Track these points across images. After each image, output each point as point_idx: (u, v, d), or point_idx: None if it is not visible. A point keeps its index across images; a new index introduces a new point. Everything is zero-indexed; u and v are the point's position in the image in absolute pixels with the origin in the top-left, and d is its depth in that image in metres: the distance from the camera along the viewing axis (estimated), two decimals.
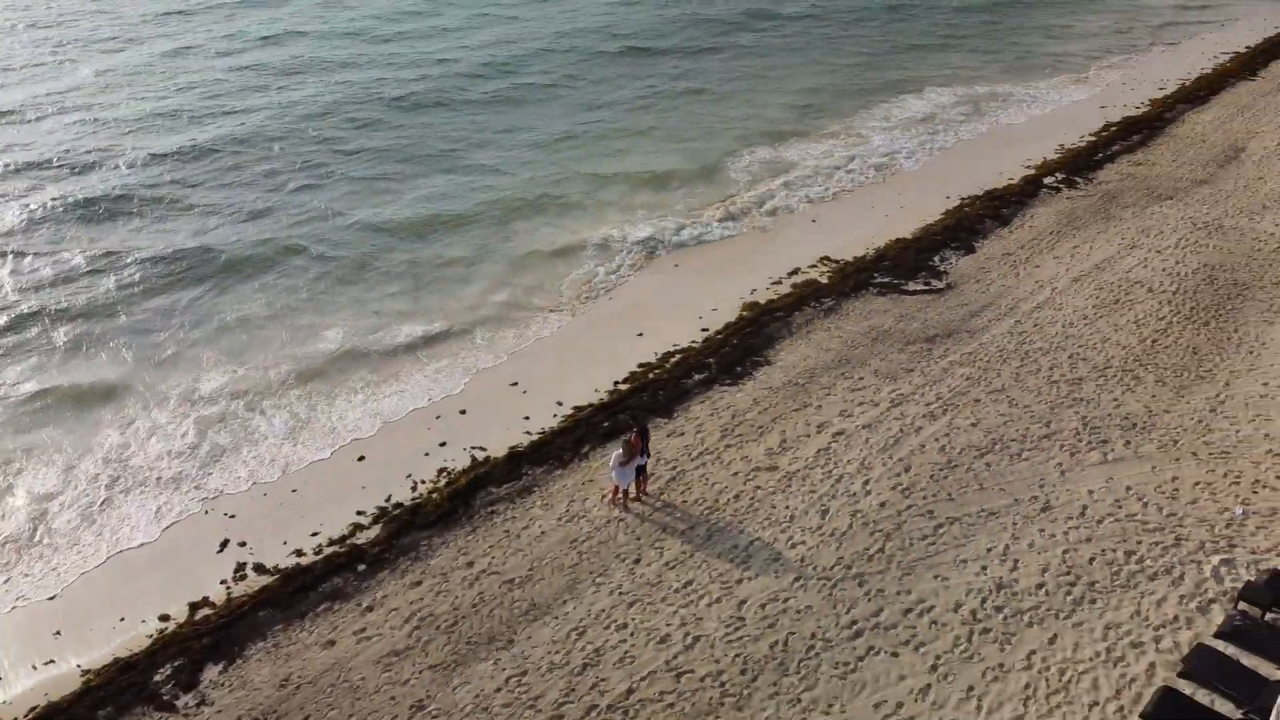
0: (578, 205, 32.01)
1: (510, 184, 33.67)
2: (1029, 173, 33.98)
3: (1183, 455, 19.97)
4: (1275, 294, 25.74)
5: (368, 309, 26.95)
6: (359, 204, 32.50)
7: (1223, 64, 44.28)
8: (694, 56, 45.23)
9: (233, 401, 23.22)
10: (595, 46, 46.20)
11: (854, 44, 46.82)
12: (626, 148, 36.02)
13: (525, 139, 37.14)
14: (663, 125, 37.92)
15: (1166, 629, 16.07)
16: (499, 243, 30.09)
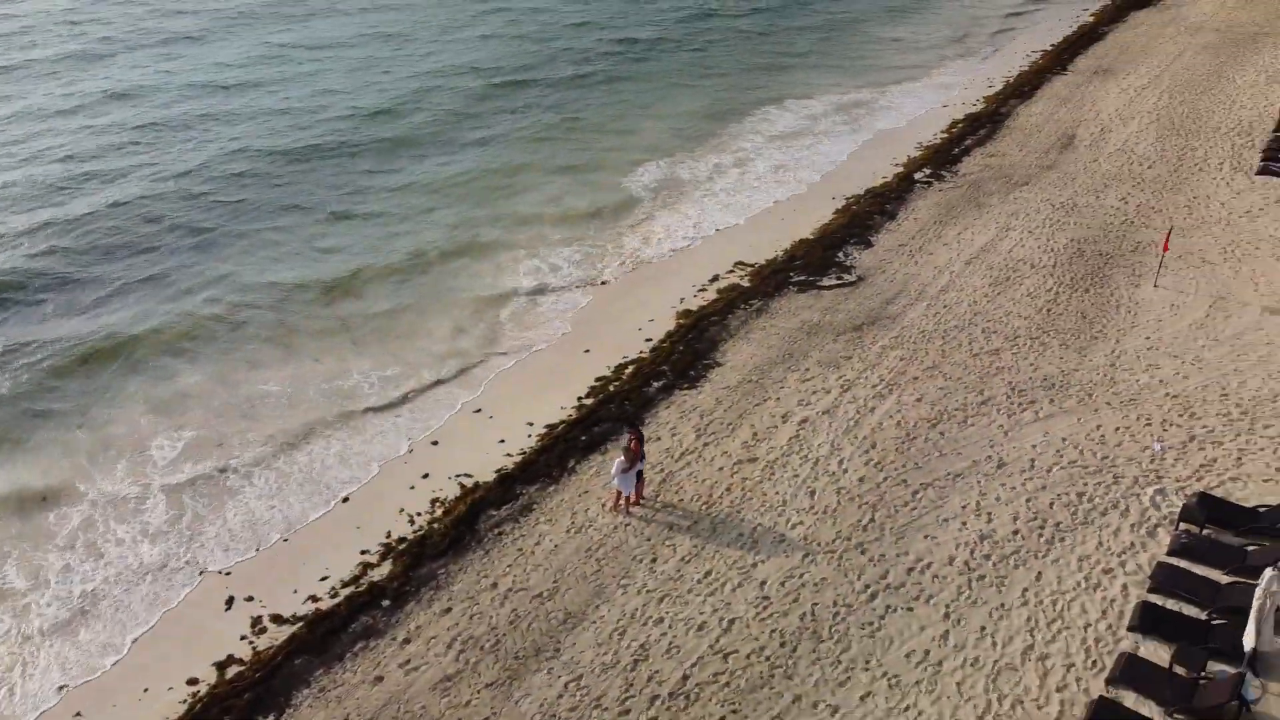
0: (496, 244, 31.89)
1: (418, 230, 33.24)
2: (900, 170, 37.00)
3: (1099, 406, 22.71)
4: (1134, 260, 29.30)
5: (306, 362, 26.45)
6: (263, 263, 31.34)
7: (1037, 61, 49.31)
8: (563, 87, 46.14)
9: (196, 466, 22.55)
10: (466, 84, 46.27)
11: (710, 67, 48.98)
12: (524, 182, 36.54)
13: (418, 183, 36.85)
14: (554, 156, 38.66)
15: (1128, 554, 18.46)
16: (428, 290, 29.46)
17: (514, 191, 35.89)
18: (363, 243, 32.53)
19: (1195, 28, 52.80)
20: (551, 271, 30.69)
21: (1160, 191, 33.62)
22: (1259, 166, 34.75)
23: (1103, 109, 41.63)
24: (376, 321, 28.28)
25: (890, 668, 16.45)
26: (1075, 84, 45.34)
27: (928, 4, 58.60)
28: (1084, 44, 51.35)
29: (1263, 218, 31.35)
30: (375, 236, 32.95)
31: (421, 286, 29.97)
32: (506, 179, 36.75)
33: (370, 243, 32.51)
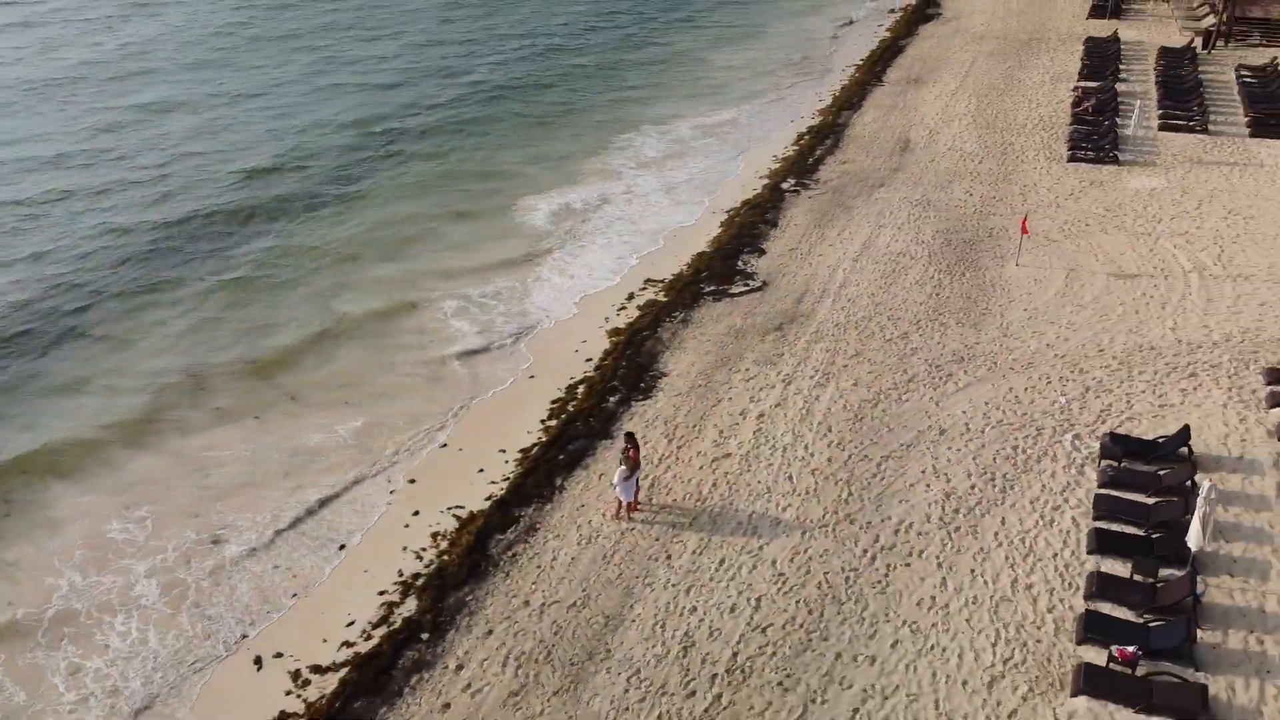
0: (416, 297, 31.30)
1: (333, 291, 32.15)
2: (767, 182, 39.89)
3: (1005, 372, 25.96)
4: (993, 244, 33.17)
5: (256, 431, 25.75)
6: (176, 344, 29.48)
7: (854, 75, 53.93)
8: (429, 135, 44.91)
9: (177, 544, 21.89)
10: (333, 139, 44.07)
11: (564, 103, 49.97)
12: (423, 232, 35.62)
13: (314, 244, 34.64)
14: (444, 203, 37.84)
15: (1067, 491, 21.49)
16: (364, 349, 29.09)
17: (416, 242, 35.69)
18: (282, 311, 31.18)
19: (978, 37, 59.19)
20: (480, 310, 31.15)
21: (995, 183, 38.03)
22: (1068, 155, 39.87)
23: (925, 114, 46.29)
24: (320, 385, 27.60)
25: (907, 616, 18.59)
26: (894, 93, 50.02)
27: (750, 35, 62.23)
28: (889, 58, 56.52)
29: (1083, 198, 36.15)
30: (291, 302, 31.64)
31: (355, 347, 29.14)
32: (405, 231, 36.47)
33: (289, 310, 31.19)
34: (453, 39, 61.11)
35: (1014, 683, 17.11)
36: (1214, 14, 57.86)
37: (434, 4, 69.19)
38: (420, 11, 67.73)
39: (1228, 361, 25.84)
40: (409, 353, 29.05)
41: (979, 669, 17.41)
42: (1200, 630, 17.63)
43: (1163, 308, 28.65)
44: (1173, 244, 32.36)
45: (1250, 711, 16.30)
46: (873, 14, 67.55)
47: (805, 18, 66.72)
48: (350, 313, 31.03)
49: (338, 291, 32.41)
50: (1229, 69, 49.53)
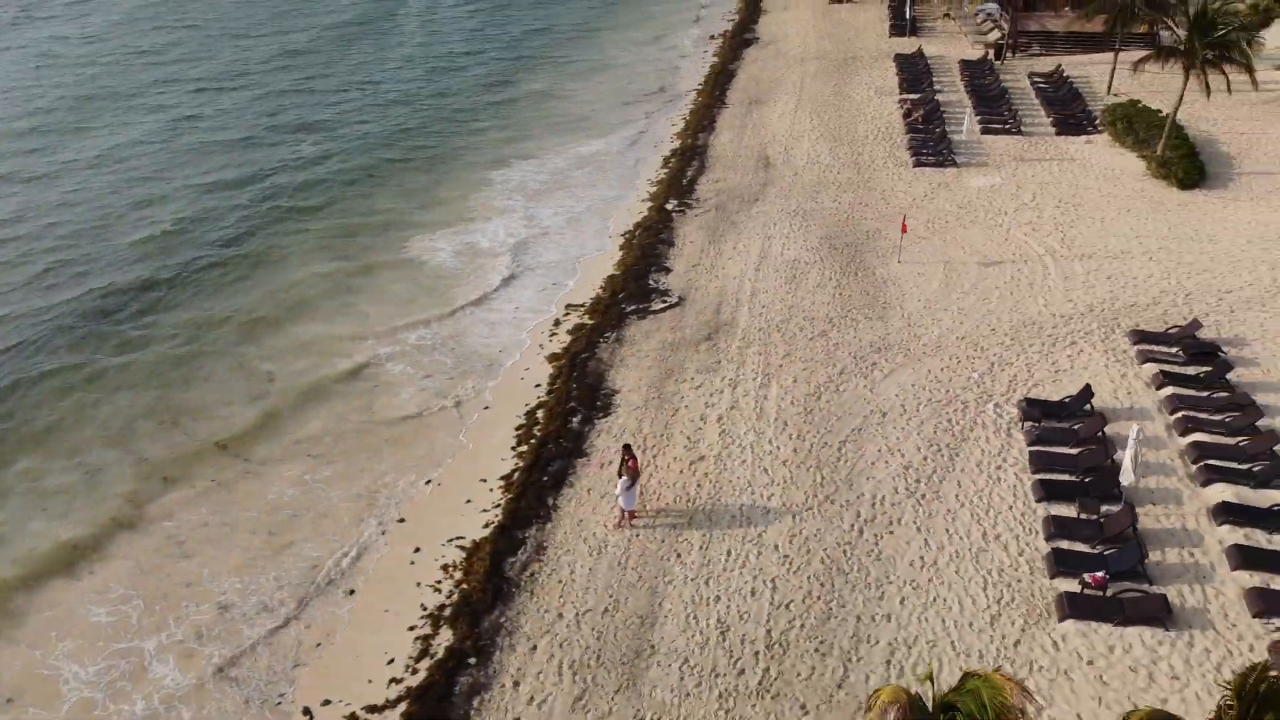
0: (351, 356, 31.10)
1: (266, 361, 31.30)
2: (650, 204, 42.02)
3: (920, 357, 29.03)
4: (872, 245, 36.56)
5: (231, 504, 25.17)
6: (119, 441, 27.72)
7: (698, 99, 57.11)
8: (308, 192, 43.76)
9: (199, 639, 21.10)
10: (212, 204, 42.32)
11: (432, 146, 49.67)
12: (326, 290, 35.37)
13: (228, 315, 33.75)
14: (352, 258, 37.18)
15: (1003, 452, 24.56)
16: (317, 415, 28.47)
17: (329, 298, 34.53)
18: (213, 383, 29.99)
19: (799, 59, 63.84)
20: (419, 354, 31.26)
21: (857, 190, 41.70)
22: (913, 161, 44.20)
23: (775, 132, 49.83)
24: (277, 448, 26.87)
25: (905, 576, 20.91)
26: (740, 114, 53.43)
27: (596, 69, 63.95)
28: (724, 82, 60.13)
29: (936, 199, 40.31)
30: (220, 374, 30.40)
31: (304, 409, 28.53)
32: (314, 289, 35.19)
33: (221, 382, 30.00)
34: (298, 89, 59.59)
35: (1010, 617, 19.70)
36: (998, 29, 64.99)
37: (266, 55, 67.23)
38: (255, 63, 65.59)
39: (1097, 329, 29.93)
40: (358, 406, 28.71)
41: (978, 610, 19.91)
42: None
43: (1031, 288, 32.67)
44: (1022, 233, 36.75)
45: (1199, 610, 19.53)
46: (699, 41, 71.27)
47: (643, 48, 69.44)
48: (285, 377, 30.22)
49: (266, 357, 31.28)
50: (1023, 76, 55.85)
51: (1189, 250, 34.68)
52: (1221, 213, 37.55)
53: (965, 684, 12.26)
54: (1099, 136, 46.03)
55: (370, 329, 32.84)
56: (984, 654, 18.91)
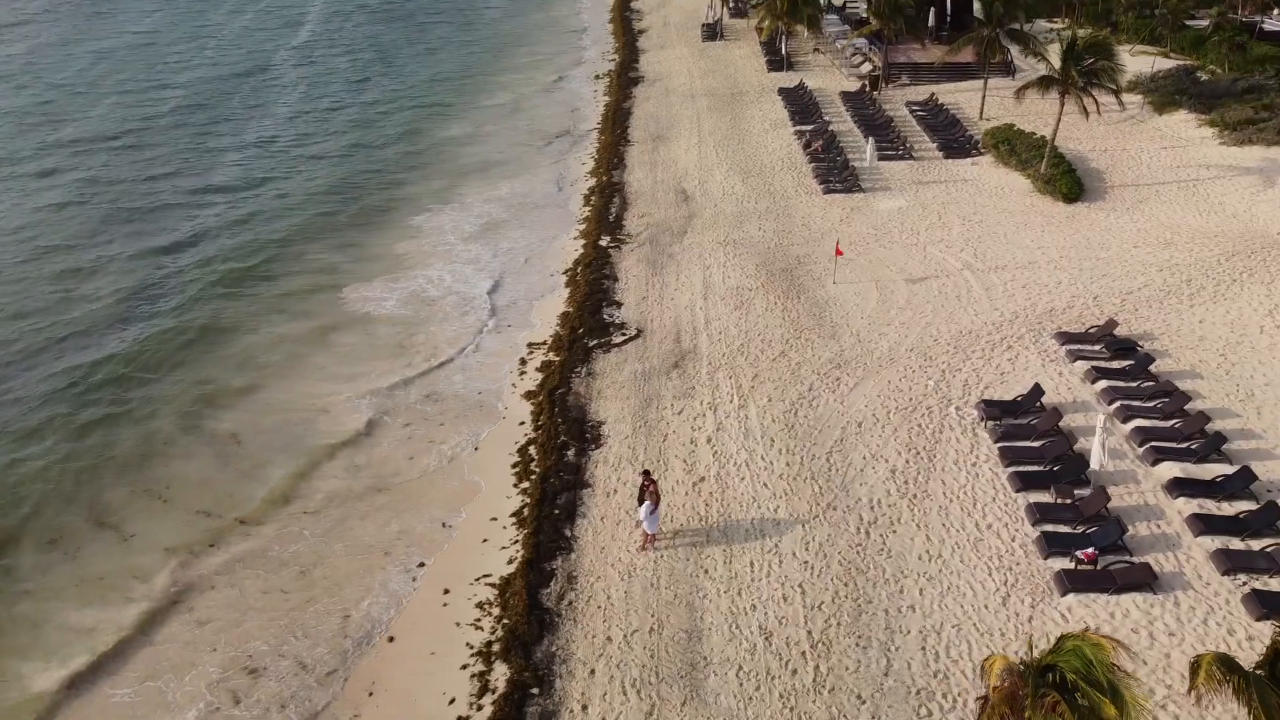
0: (328, 409, 30.89)
1: (237, 422, 30.78)
2: (584, 241, 43.26)
3: (877, 370, 31.21)
4: (805, 269, 38.81)
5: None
6: None
7: (602, 139, 58.79)
8: (234, 256, 43.05)
9: (237, 705, 20.75)
10: (139, 276, 40.58)
11: (351, 196, 49.56)
12: (287, 354, 34.72)
13: (211, 388, 32.50)
14: (288, 320, 36.86)
15: (974, 450, 26.87)
16: (301, 470, 28.33)
17: (289, 361, 34.06)
18: (200, 452, 29.35)
19: (689, 96, 66.47)
20: (390, 398, 31.50)
21: (778, 218, 44.09)
22: (823, 189, 47.02)
23: (686, 166, 51.96)
24: (271, 508, 26.84)
25: (917, 570, 22.75)
26: (647, 151, 55.38)
27: (502, 115, 64.84)
28: (622, 120, 62.11)
29: (852, 222, 43.10)
30: (199, 446, 29.62)
31: (282, 463, 28.58)
32: (274, 354, 34.61)
33: (202, 458, 29.15)
34: (197, 148, 57.41)
35: (1019, 597, 21.76)
36: (869, 62, 69.48)
37: (151, 112, 64.78)
38: (139, 120, 62.90)
39: (1026, 333, 32.91)
40: (346, 463, 28.54)
41: (989, 594, 21.89)
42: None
43: (959, 300, 35.53)
44: (938, 250, 39.81)
45: (1176, 573, 22.08)
46: (587, 80, 73.20)
47: (539, 90, 70.77)
48: (266, 441, 29.68)
49: (242, 424, 30.58)
50: (901, 105, 60.02)
51: (1086, 258, 38.39)
52: (1104, 223, 41.66)
53: (1063, 646, 13.95)
54: (983, 158, 50.10)
55: (340, 386, 32.66)
56: (1004, 632, 20.85)
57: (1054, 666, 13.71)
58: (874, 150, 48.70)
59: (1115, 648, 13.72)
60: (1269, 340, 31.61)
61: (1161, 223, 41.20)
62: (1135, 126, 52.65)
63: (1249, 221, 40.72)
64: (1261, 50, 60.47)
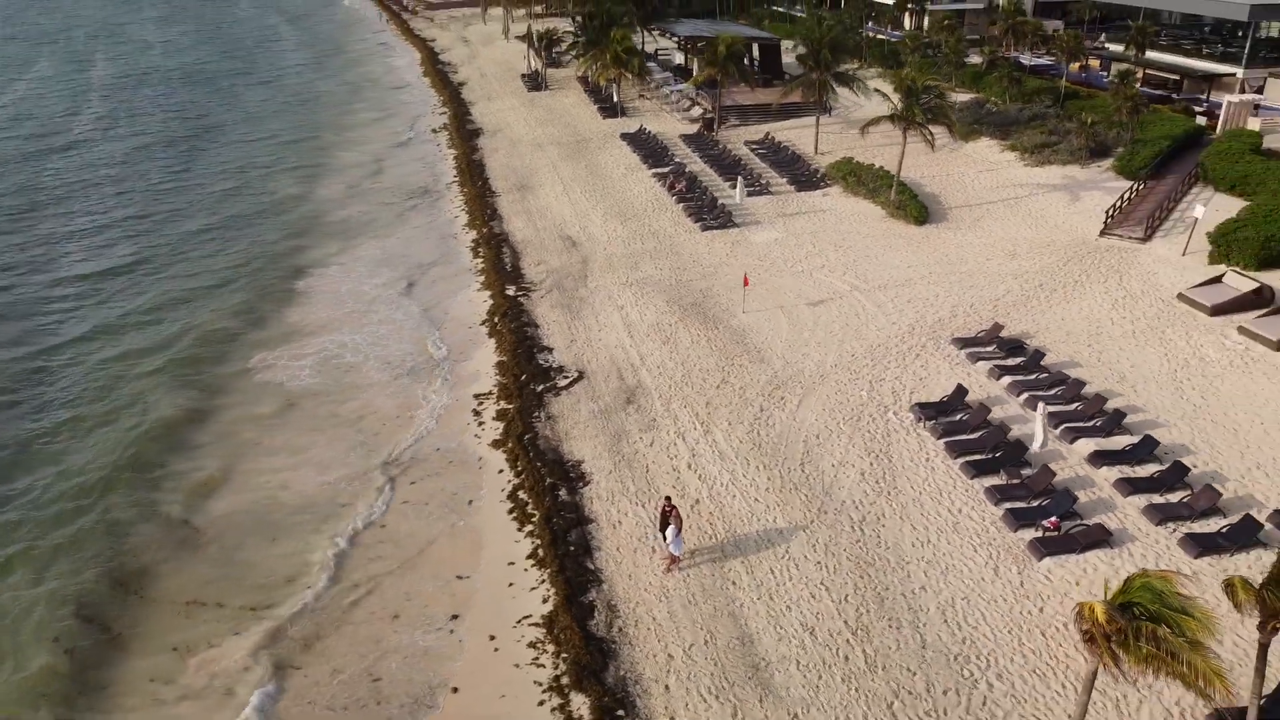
0: (288, 486, 30.58)
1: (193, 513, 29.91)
2: (489, 292, 44.29)
3: (813, 387, 34.31)
4: (710, 301, 41.62)
5: None
6: None
7: (466, 191, 59.67)
8: (142, 334, 40.68)
9: None
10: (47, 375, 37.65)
11: (235, 266, 48.25)
12: (206, 438, 33.36)
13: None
14: (205, 400, 35.60)
15: (922, 448, 30.29)
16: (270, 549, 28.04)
17: (232, 442, 33.76)
18: (156, 549, 28.16)
19: (536, 145, 68.54)
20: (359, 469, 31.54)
21: (668, 256, 46.83)
22: (700, 226, 50.25)
23: (562, 213, 53.89)
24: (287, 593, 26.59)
25: (914, 555, 25.70)
26: (516, 201, 56.89)
27: (365, 174, 64.39)
28: (478, 171, 63.34)
29: (738, 255, 46.47)
30: (156, 535, 28.54)
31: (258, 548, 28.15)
32: (217, 431, 33.96)
33: (159, 545, 28.10)
34: (42, 237, 54.32)
35: (1006, 567, 25.10)
36: (699, 106, 74.10)
37: None
38: None
39: (927, 342, 37.07)
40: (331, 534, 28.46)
41: (981, 567, 25.12)
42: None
43: (859, 318, 39.39)
44: (823, 275, 43.78)
45: (1122, 529, 26.12)
46: (427, 134, 73.87)
47: (386, 145, 70.86)
48: (237, 515, 29.35)
49: (207, 507, 29.99)
50: (740, 145, 64.68)
51: (950, 272, 43.43)
52: (955, 240, 47.13)
53: (1133, 585, 16.98)
54: (832, 189, 55.08)
55: (294, 459, 32.31)
56: (1004, 598, 24.06)
57: (1133, 603, 16.70)
58: (744, 187, 52.47)
59: (1176, 578, 16.90)
60: (1120, 330, 37.23)
61: (1002, 237, 47.08)
62: (950, 154, 59.35)
63: (1070, 231, 47.26)
64: (1034, 84, 69.47)
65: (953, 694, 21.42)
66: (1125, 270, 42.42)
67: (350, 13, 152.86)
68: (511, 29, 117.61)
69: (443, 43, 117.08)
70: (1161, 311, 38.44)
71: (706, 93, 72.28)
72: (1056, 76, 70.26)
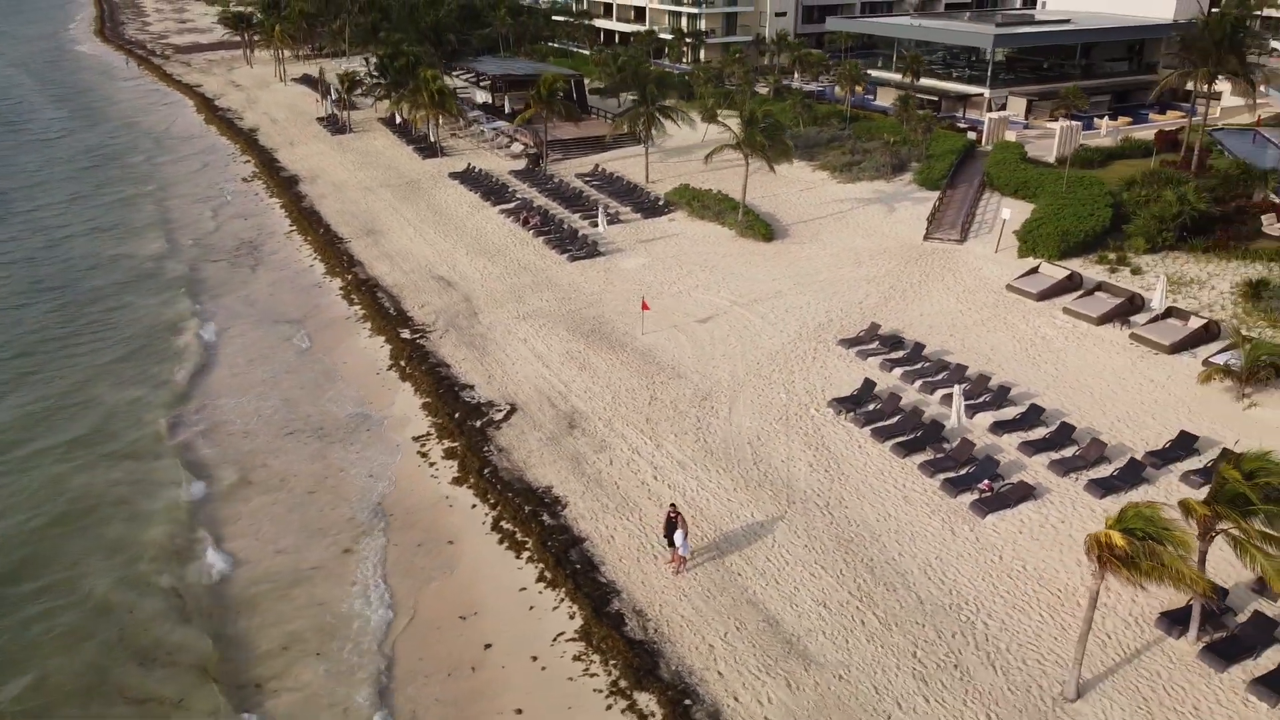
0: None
1: None
2: (382, 338, 44.27)
3: (736, 395, 37.36)
4: (608, 327, 43.88)
5: None
6: None
7: (310, 239, 58.41)
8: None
9: None
10: None
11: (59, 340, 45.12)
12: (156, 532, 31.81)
13: None
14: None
15: (850, 438, 34.04)
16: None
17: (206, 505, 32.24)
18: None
19: (365, 188, 67.87)
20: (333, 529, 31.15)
21: (550, 288, 48.53)
22: (568, 258, 52.33)
23: (424, 255, 54.21)
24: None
25: (882, 528, 29.18)
26: (369, 245, 56.49)
27: (191, 228, 60.87)
28: (314, 218, 62.14)
29: (615, 282, 48.97)
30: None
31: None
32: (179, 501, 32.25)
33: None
34: None
35: (960, 527, 29.07)
36: (519, 143, 76.05)
37: None
38: None
39: (817, 345, 41.16)
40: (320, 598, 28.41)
41: (940, 529, 28.96)
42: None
43: (750, 329, 42.97)
44: (701, 293, 47.15)
45: (1041, 484, 30.83)
46: (238, 187, 71.33)
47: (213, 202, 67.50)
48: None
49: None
50: (572, 177, 67.36)
51: (811, 282, 48.05)
52: (803, 253, 51.99)
53: (1126, 514, 21.01)
54: (676, 214, 58.81)
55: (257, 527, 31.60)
56: (968, 553, 27.97)
57: (1130, 529, 20.69)
58: (604, 217, 55.02)
59: (1159, 506, 21.10)
60: (972, 319, 42.97)
61: (842, 247, 52.43)
62: (767, 176, 64.46)
63: (897, 238, 53.35)
64: (823, 109, 76.86)
65: (960, 636, 24.89)
66: (955, 268, 48.65)
67: (94, 59, 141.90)
68: (288, 72, 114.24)
69: (212, 88, 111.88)
70: (998, 300, 44.65)
71: (527, 129, 74.37)
72: (827, 100, 78.18)
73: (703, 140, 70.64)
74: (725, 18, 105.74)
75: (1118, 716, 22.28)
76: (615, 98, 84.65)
